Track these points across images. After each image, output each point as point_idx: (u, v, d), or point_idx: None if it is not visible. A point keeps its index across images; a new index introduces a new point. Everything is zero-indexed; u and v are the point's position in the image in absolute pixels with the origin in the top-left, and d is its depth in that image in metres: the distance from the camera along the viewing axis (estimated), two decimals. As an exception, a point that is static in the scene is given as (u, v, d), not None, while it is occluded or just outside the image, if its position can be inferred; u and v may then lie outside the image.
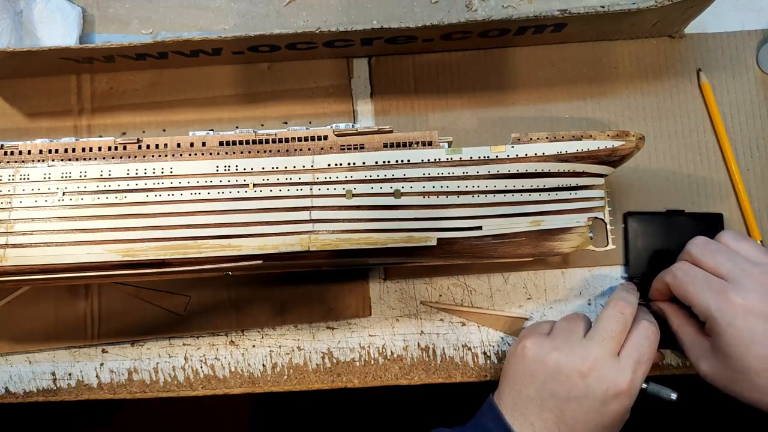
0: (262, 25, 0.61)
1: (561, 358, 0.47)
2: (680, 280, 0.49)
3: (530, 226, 0.50)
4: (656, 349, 0.49)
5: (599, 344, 0.47)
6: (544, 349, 0.48)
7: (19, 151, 0.51)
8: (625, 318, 0.48)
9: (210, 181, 0.49)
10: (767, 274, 0.46)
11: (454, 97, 0.59)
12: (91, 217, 0.49)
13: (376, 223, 0.48)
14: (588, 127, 0.58)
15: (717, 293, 0.46)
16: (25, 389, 0.58)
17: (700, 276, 0.48)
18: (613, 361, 0.46)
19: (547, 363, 0.47)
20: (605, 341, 0.47)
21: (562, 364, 0.47)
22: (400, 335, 0.58)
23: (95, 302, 0.58)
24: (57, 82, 0.60)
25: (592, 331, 0.48)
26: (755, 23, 0.59)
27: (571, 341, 0.48)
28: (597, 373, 0.46)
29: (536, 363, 0.48)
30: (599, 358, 0.46)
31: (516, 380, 0.49)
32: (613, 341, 0.47)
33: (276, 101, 0.60)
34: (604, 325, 0.48)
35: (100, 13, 0.61)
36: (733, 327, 0.45)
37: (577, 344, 0.48)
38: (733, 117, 0.58)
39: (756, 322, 0.44)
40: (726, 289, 0.46)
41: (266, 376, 0.58)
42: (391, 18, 0.60)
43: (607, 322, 0.48)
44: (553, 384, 0.47)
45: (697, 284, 0.48)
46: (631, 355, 0.47)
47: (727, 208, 0.57)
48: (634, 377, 0.46)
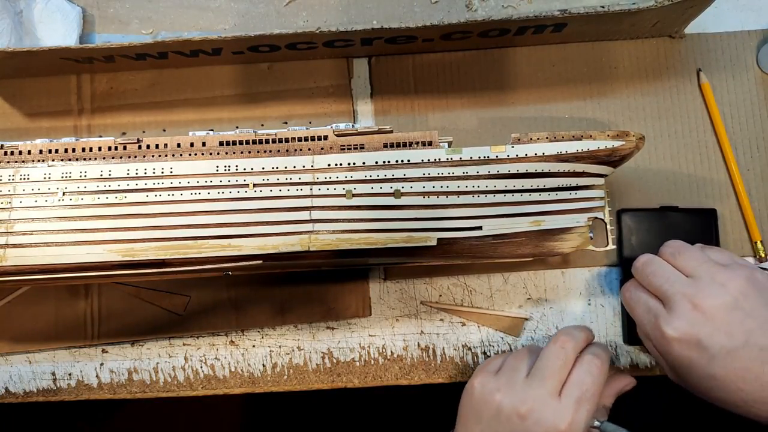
0: (262, 25, 0.61)
1: (503, 399, 0.46)
2: (626, 301, 0.50)
3: (530, 226, 0.50)
4: (602, 381, 0.46)
5: (539, 384, 0.45)
6: (488, 388, 0.47)
7: (19, 151, 0.51)
8: (566, 353, 0.47)
9: (210, 181, 0.49)
10: (701, 291, 0.45)
11: (454, 97, 0.59)
12: (91, 217, 0.49)
13: (376, 223, 0.48)
14: (588, 127, 0.58)
15: (652, 322, 0.47)
16: (25, 389, 0.58)
17: (641, 300, 0.48)
18: (553, 402, 0.45)
19: (489, 403, 0.46)
20: (545, 380, 0.45)
21: (502, 406, 0.46)
22: (400, 335, 0.58)
23: (95, 302, 0.58)
24: (57, 82, 0.60)
25: (533, 370, 0.47)
26: (755, 23, 0.59)
27: (513, 381, 0.47)
28: (535, 415, 0.44)
29: (481, 403, 0.47)
30: (537, 399, 0.45)
31: (466, 418, 0.48)
32: (553, 379, 0.46)
33: (276, 101, 0.60)
34: (544, 363, 0.46)
35: (100, 13, 0.61)
36: (669, 355, 0.46)
37: (519, 384, 0.46)
38: (733, 117, 0.58)
39: (688, 349, 0.45)
40: (659, 318, 0.46)
41: (266, 376, 0.58)
42: (391, 18, 0.60)
43: (546, 360, 0.47)
44: (495, 425, 0.46)
45: (638, 308, 0.49)
46: (572, 394, 0.45)
47: (727, 208, 0.57)
48: (575, 417, 0.44)
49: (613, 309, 0.57)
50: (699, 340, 0.44)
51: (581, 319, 0.57)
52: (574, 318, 0.57)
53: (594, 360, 0.47)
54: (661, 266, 0.48)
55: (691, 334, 0.44)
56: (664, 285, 0.47)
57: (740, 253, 0.57)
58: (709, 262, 0.47)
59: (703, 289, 0.45)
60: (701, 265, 0.47)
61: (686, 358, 0.45)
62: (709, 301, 0.45)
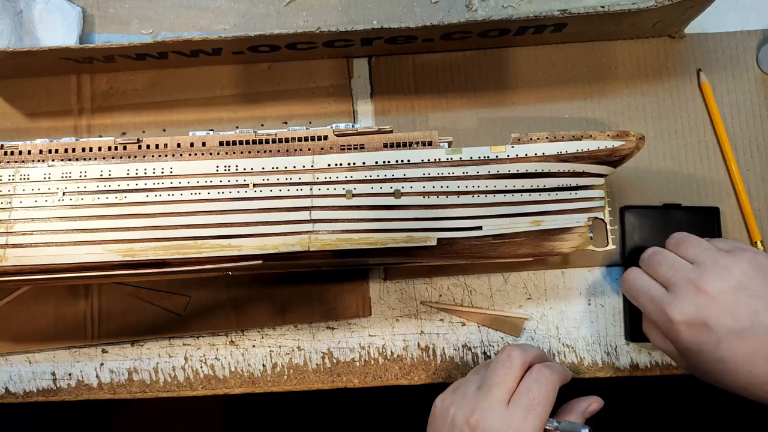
0: (262, 25, 0.61)
1: (456, 412, 0.46)
2: (627, 287, 0.50)
3: (530, 226, 0.50)
4: (552, 390, 0.46)
5: (486, 393, 0.46)
6: (445, 404, 0.48)
7: (19, 151, 0.51)
8: (512, 362, 0.47)
9: (210, 181, 0.49)
10: (705, 275, 0.45)
11: (454, 97, 0.59)
12: (91, 217, 0.49)
13: (376, 223, 0.48)
14: (588, 127, 0.58)
15: (657, 307, 0.47)
16: (25, 389, 0.58)
17: (644, 288, 0.49)
18: (500, 409, 0.45)
19: (445, 418, 0.47)
20: (492, 389, 0.46)
21: (455, 418, 0.46)
22: (400, 335, 0.58)
23: (95, 302, 0.58)
24: (57, 82, 0.60)
25: (482, 380, 0.47)
26: (755, 23, 0.59)
27: (465, 394, 0.47)
28: (484, 424, 0.44)
29: (439, 419, 0.47)
30: (486, 408, 0.45)
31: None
32: (500, 387, 0.46)
33: (276, 101, 0.60)
34: (491, 372, 0.47)
35: (100, 13, 0.61)
36: (678, 342, 0.46)
37: (470, 396, 0.46)
38: (733, 117, 0.58)
39: (697, 333, 0.45)
40: (663, 303, 0.46)
41: (266, 376, 0.58)
42: (391, 18, 0.60)
43: (493, 370, 0.47)
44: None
45: (641, 296, 0.49)
46: (520, 402, 0.45)
47: (727, 207, 0.57)
48: (523, 424, 0.44)
49: (613, 309, 0.57)
50: (705, 323, 0.44)
51: (581, 319, 0.57)
52: (574, 318, 0.57)
53: (543, 369, 0.47)
54: (666, 255, 0.49)
55: (698, 317, 0.44)
56: (668, 272, 0.47)
57: (740, 253, 0.57)
58: (712, 248, 0.47)
59: (707, 273, 0.45)
60: (704, 251, 0.47)
61: (695, 342, 0.45)
62: (713, 285, 0.45)
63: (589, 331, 0.57)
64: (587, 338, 0.57)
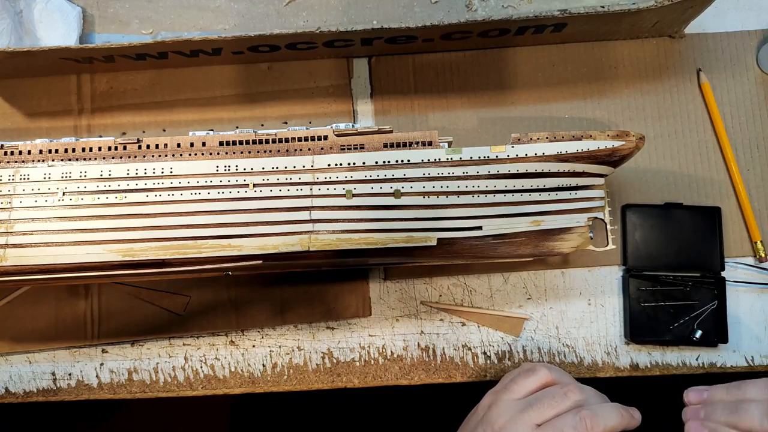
0: (262, 25, 0.61)
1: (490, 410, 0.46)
2: None
3: (530, 226, 0.50)
4: None
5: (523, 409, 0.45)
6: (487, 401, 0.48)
7: (19, 151, 0.51)
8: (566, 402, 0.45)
9: (210, 181, 0.49)
10: None
11: (454, 97, 0.59)
12: (91, 217, 0.49)
13: (376, 223, 0.48)
14: (588, 127, 0.58)
15: None
16: (25, 389, 0.58)
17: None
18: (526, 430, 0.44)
19: (481, 408, 0.48)
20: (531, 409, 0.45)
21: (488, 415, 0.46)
22: (400, 335, 0.58)
23: (95, 302, 0.58)
24: (57, 82, 0.60)
25: (531, 397, 0.46)
26: (755, 23, 0.59)
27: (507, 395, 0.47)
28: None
29: (479, 407, 0.48)
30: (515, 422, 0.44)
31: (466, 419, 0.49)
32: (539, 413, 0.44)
33: (276, 101, 0.60)
34: (541, 397, 0.45)
35: (100, 13, 0.61)
36: None
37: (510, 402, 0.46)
38: (733, 117, 0.58)
39: None
40: None
41: (266, 376, 0.58)
42: (391, 18, 0.60)
43: (544, 397, 0.46)
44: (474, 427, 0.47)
45: None
46: None
47: (727, 207, 0.57)
48: None
49: (613, 309, 0.57)
50: None
51: (581, 319, 0.57)
52: (574, 318, 0.57)
53: (587, 418, 0.43)
54: None
55: None
56: None
57: (740, 252, 0.57)
58: None
59: None
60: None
61: None
62: None
63: (589, 331, 0.57)
64: (587, 338, 0.57)
